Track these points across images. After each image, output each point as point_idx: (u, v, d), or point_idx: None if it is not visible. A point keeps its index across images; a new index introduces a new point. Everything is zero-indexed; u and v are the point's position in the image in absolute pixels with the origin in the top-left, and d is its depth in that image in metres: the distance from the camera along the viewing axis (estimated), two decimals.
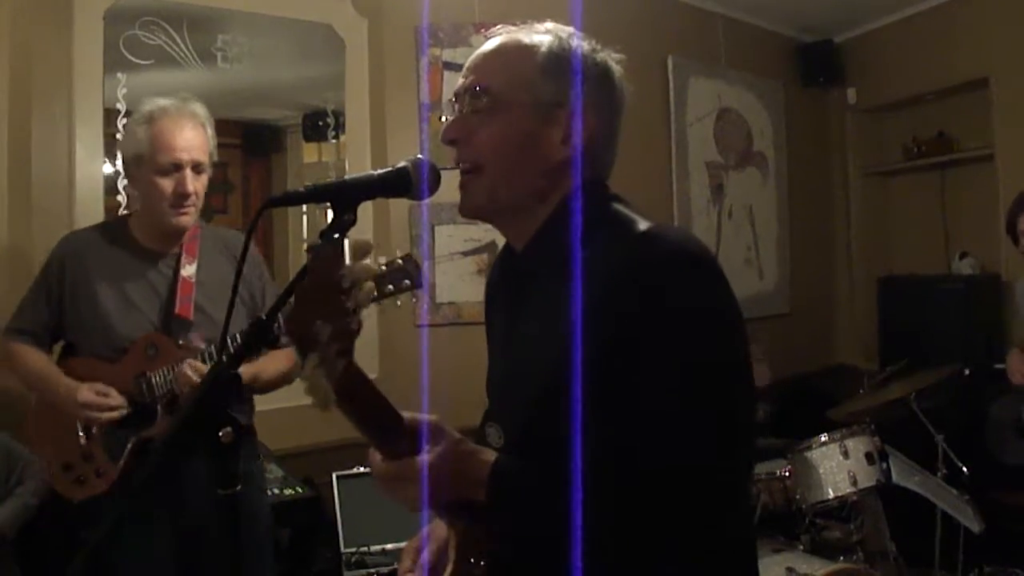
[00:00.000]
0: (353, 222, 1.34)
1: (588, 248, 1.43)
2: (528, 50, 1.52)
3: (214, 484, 1.32)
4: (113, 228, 3.00)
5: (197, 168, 2.84)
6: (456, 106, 1.57)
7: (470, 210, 1.57)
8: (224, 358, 1.30)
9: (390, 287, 2.55)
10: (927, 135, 6.55)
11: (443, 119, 1.57)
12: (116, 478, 2.75)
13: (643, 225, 1.43)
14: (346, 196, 1.36)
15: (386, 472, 1.37)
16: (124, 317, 2.84)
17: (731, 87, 6.31)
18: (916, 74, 6.39)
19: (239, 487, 1.31)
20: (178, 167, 2.79)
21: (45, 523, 3.34)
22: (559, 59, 1.52)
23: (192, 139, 2.82)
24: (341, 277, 1.22)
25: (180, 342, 2.84)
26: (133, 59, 3.92)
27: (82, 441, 2.81)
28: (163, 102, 2.84)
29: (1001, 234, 4.03)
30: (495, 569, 1.43)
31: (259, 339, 1.30)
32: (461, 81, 1.57)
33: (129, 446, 2.75)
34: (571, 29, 1.57)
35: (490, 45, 1.57)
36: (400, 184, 1.43)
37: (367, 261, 1.24)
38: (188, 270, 2.91)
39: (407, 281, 2.54)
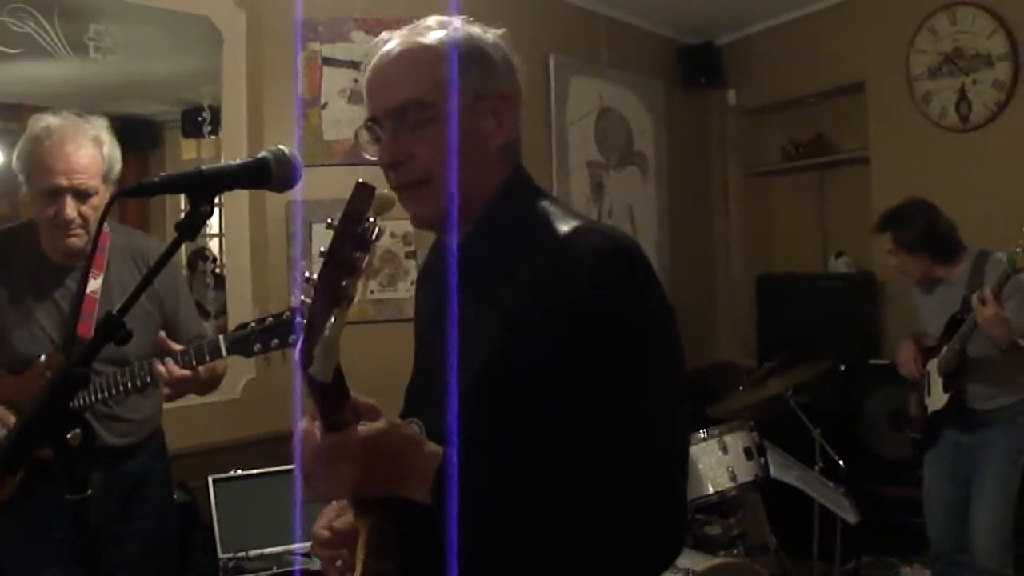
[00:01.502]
0: (210, 214, 1.30)
1: (520, 247, 1.42)
2: (435, 51, 1.49)
3: (64, 490, 1.26)
4: (22, 233, 2.83)
5: (80, 194, 2.66)
6: (382, 127, 1.51)
7: (427, 220, 1.54)
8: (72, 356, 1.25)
9: (272, 342, 2.59)
10: (806, 137, 6.69)
11: (360, 140, 1.50)
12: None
13: (574, 222, 1.43)
14: (202, 186, 1.32)
15: (330, 443, 1.26)
16: (25, 333, 2.73)
17: (612, 87, 6.33)
18: (795, 77, 6.51)
19: (89, 492, 1.26)
20: (57, 193, 2.63)
21: None
22: (471, 51, 1.50)
23: (76, 162, 2.64)
24: (365, 231, 1.17)
25: None
26: (0, 48, 3.78)
27: None
28: (52, 120, 2.69)
29: (875, 234, 4.15)
30: (408, 568, 1.38)
31: (109, 335, 1.25)
32: (375, 100, 1.51)
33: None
34: (453, 19, 1.54)
35: (391, 56, 1.51)
36: (260, 175, 1.40)
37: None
38: (92, 285, 2.78)
39: (288, 340, 2.57)
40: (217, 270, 4.64)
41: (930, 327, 4.14)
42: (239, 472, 3.94)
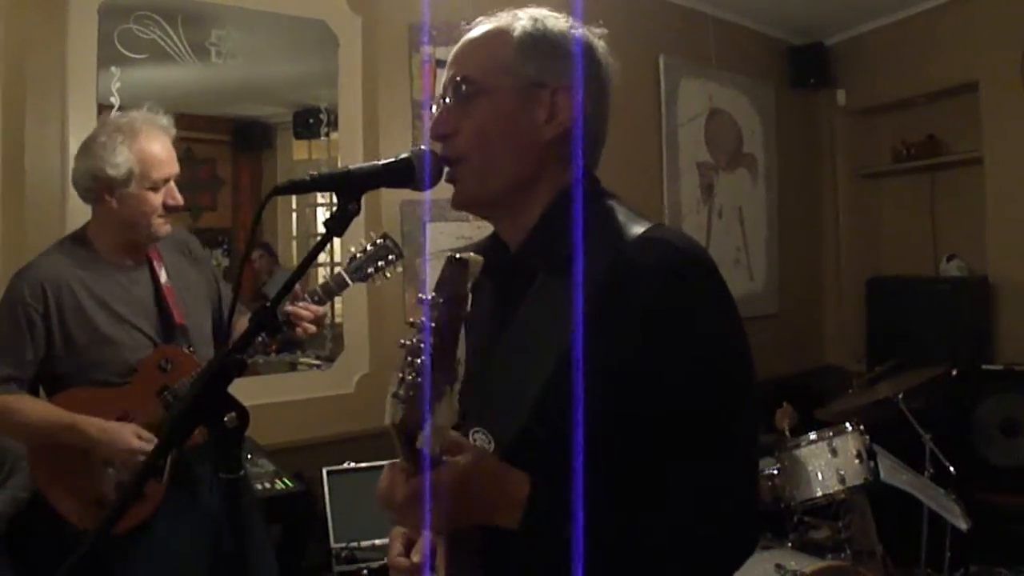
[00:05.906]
0: (357, 212, 1.35)
1: (590, 249, 1.40)
2: (503, 33, 1.52)
3: (218, 470, 1.33)
4: (77, 246, 2.84)
5: (176, 178, 2.86)
6: (442, 101, 1.54)
7: (462, 201, 1.55)
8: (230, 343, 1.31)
9: (380, 263, 2.97)
10: (916, 138, 6.59)
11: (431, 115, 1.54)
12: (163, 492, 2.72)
13: (644, 226, 1.44)
14: (351, 185, 1.37)
15: (419, 487, 1.24)
16: (126, 338, 2.77)
17: (722, 88, 6.34)
18: (906, 77, 6.43)
19: (242, 472, 1.33)
20: (167, 180, 2.80)
21: (34, 516, 3.34)
22: (535, 38, 1.51)
23: (172, 151, 2.85)
24: (464, 300, 1.22)
25: (189, 349, 2.85)
26: (127, 53, 3.91)
27: (110, 471, 2.71)
28: (137, 116, 2.82)
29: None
30: None
31: (265, 326, 1.32)
32: (445, 76, 1.56)
33: (170, 459, 2.69)
34: (546, 11, 1.56)
35: (469, 35, 1.56)
36: (404, 174, 1.44)
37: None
38: (163, 277, 2.91)
39: (391, 256, 3.00)
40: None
41: None
42: (352, 465, 4.03)
